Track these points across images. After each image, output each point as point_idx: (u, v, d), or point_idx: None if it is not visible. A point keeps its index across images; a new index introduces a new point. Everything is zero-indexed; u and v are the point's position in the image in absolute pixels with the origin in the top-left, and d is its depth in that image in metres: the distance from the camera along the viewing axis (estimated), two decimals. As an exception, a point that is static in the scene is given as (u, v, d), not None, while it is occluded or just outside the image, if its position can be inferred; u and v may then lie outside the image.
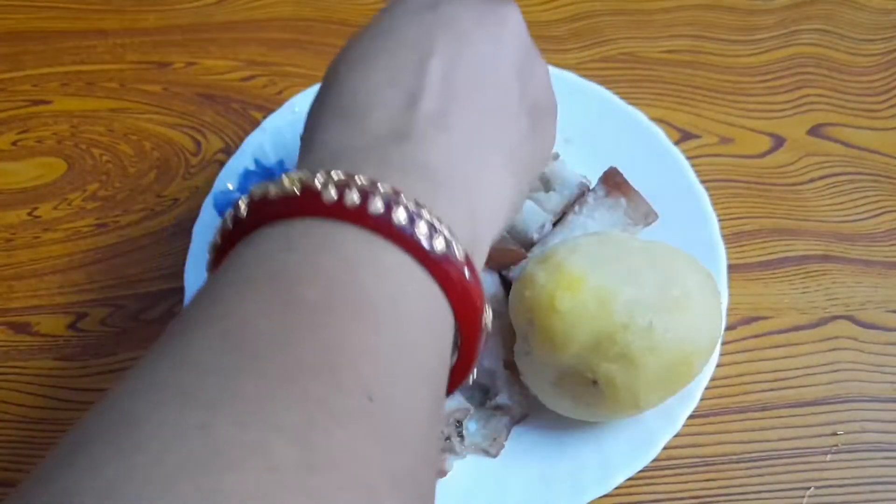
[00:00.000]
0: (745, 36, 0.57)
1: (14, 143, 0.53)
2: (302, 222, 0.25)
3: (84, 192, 0.52)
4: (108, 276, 0.49)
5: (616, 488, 0.41)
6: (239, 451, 0.19)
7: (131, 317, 0.48)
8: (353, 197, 0.25)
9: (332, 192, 0.25)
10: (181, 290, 0.47)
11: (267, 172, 0.49)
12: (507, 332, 0.43)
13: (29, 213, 0.51)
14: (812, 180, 0.52)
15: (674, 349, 0.38)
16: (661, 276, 0.39)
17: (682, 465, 0.43)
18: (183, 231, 0.50)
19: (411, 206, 0.25)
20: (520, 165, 0.32)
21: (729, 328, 0.45)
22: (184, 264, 0.46)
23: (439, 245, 0.25)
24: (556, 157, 0.48)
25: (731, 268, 0.46)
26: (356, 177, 0.26)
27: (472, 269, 0.27)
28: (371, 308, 0.24)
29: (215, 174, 0.49)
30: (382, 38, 0.32)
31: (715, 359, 0.43)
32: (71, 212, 0.51)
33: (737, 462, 0.43)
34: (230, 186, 0.48)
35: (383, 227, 0.25)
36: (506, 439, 0.43)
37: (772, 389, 0.45)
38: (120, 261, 0.49)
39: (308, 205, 0.25)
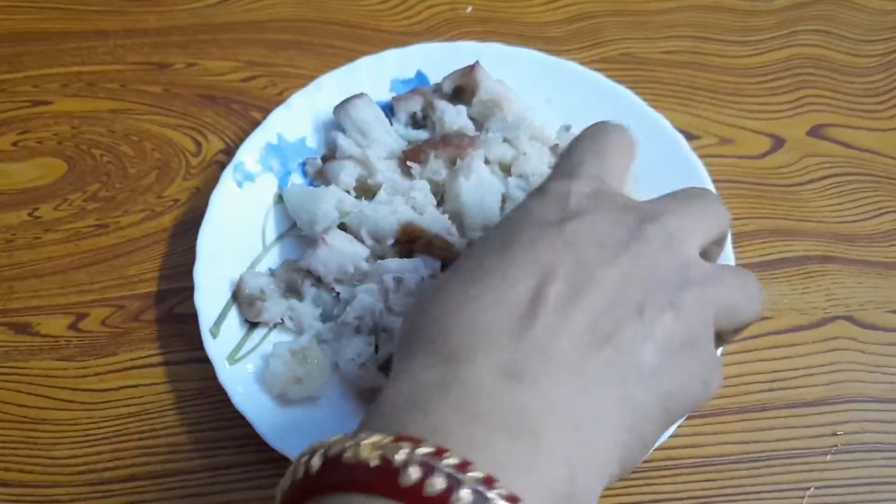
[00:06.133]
0: (745, 37, 0.57)
1: (15, 144, 0.53)
2: (375, 502, 0.24)
3: (85, 192, 0.52)
4: (108, 277, 0.49)
5: (614, 488, 0.41)
6: None
7: (132, 317, 0.48)
8: (436, 485, 0.23)
9: (413, 475, 0.23)
10: (182, 290, 0.47)
11: (289, 148, 0.50)
12: None
13: (29, 214, 0.51)
14: (812, 181, 0.52)
15: None
16: None
17: (682, 466, 0.43)
18: (184, 231, 0.50)
19: (501, 502, 0.23)
20: (645, 409, 0.29)
21: (729, 329, 0.45)
22: (184, 265, 0.47)
23: None
24: (569, 128, 0.49)
25: (731, 268, 0.46)
26: (444, 457, 0.24)
27: None
28: None
29: (216, 175, 0.49)
30: (497, 256, 0.30)
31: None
32: (71, 212, 0.51)
33: (736, 462, 0.43)
34: (251, 159, 0.48)
35: None
36: None
37: (771, 390, 0.45)
38: (120, 261, 0.49)
39: (384, 484, 0.24)
